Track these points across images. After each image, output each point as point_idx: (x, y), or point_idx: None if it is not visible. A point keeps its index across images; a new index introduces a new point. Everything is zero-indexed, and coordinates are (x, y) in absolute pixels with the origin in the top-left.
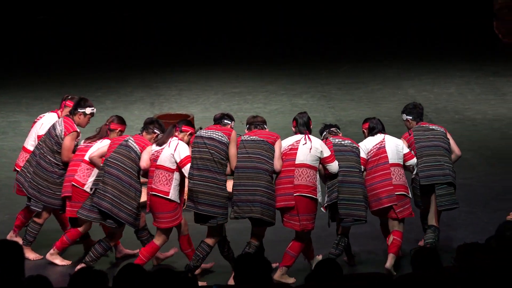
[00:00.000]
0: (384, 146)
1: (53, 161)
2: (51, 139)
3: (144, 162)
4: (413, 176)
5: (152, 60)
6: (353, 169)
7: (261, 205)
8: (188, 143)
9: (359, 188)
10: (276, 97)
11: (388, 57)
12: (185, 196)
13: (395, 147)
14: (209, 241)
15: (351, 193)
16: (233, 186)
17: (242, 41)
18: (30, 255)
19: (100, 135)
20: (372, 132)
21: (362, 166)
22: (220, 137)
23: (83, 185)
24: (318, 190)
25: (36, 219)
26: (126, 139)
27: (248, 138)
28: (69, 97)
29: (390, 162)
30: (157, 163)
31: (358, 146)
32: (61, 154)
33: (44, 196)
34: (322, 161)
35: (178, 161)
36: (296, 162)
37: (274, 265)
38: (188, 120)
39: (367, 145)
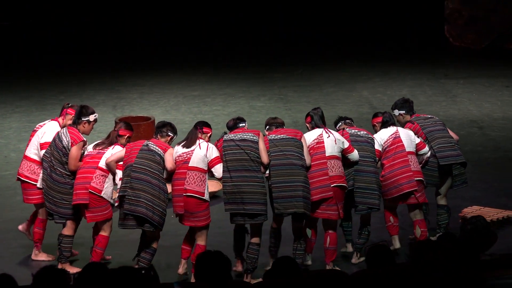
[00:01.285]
0: (399, 135)
1: (64, 172)
2: (58, 151)
3: (170, 163)
4: (425, 159)
5: (113, 64)
6: (368, 159)
7: (303, 200)
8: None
9: (373, 178)
10: (234, 99)
11: (341, 60)
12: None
13: (408, 137)
14: (256, 240)
15: (366, 182)
16: (272, 183)
17: (201, 45)
18: (72, 269)
19: (110, 141)
20: (385, 125)
21: (376, 157)
22: (251, 137)
23: (100, 191)
24: None
25: (65, 233)
26: (145, 143)
27: (277, 137)
28: (70, 105)
29: (407, 150)
30: (189, 165)
31: (373, 137)
32: (68, 163)
33: (61, 208)
34: (344, 151)
35: (208, 161)
36: (327, 155)
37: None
38: (206, 122)
39: (382, 136)
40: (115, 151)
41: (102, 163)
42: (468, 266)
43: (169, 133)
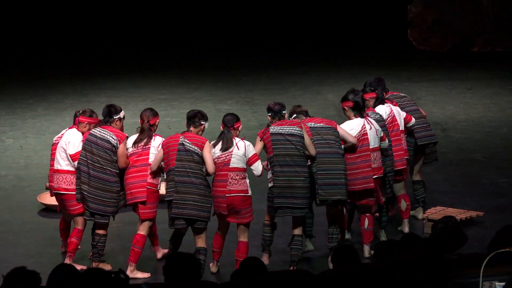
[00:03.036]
0: (394, 115)
1: (114, 171)
2: (107, 151)
3: (210, 165)
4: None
5: (81, 67)
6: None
7: (346, 188)
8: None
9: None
10: (202, 103)
11: (307, 64)
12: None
13: (399, 115)
14: (299, 231)
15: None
16: (317, 171)
17: (169, 49)
18: (106, 266)
19: (147, 134)
20: (378, 101)
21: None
22: (298, 131)
23: (156, 185)
24: None
25: (101, 232)
26: (180, 141)
27: (317, 125)
28: (80, 112)
29: (400, 129)
30: (230, 166)
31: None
32: (118, 162)
33: (109, 207)
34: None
35: (247, 159)
36: (370, 147)
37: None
38: (231, 115)
39: (383, 114)
40: (156, 144)
41: (151, 160)
42: (432, 265)
43: (201, 122)
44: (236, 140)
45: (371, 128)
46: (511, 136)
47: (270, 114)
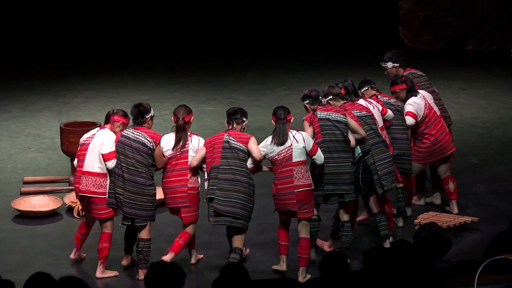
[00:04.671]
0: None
1: (150, 175)
2: (143, 155)
3: (257, 154)
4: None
5: (58, 68)
6: (401, 127)
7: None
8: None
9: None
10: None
11: (293, 63)
12: None
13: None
14: (347, 217)
15: (402, 149)
16: (375, 161)
17: (150, 48)
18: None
19: (182, 133)
20: (410, 92)
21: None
22: (343, 118)
23: (197, 188)
24: None
25: (145, 237)
26: (225, 139)
27: (362, 113)
28: (115, 111)
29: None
30: (293, 161)
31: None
32: (156, 163)
33: (146, 211)
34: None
35: (308, 151)
36: (379, 126)
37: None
38: (281, 107)
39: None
40: (195, 144)
41: (190, 162)
42: (423, 273)
43: (243, 119)
44: (293, 132)
45: (374, 108)
46: (505, 138)
47: (308, 101)
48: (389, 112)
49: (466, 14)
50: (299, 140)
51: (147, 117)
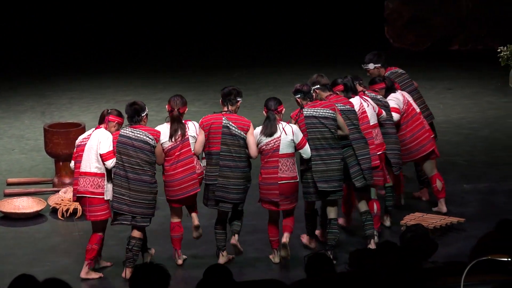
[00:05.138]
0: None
1: (154, 172)
2: (147, 153)
3: (253, 150)
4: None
5: (42, 69)
6: (390, 122)
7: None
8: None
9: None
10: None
11: (279, 64)
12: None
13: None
14: (334, 214)
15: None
16: (358, 156)
17: (135, 48)
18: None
19: (178, 124)
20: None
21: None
22: (331, 114)
23: (202, 173)
24: None
25: (137, 235)
26: (224, 124)
27: (345, 107)
28: (109, 111)
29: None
30: (280, 153)
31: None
32: (157, 159)
33: (150, 209)
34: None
35: (296, 144)
36: (371, 124)
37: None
38: (273, 98)
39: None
40: (192, 130)
41: (193, 149)
42: (410, 274)
43: (237, 99)
44: (283, 124)
45: (368, 105)
46: (491, 138)
47: (299, 95)
48: (383, 113)
49: (451, 14)
50: (288, 133)
51: (143, 115)
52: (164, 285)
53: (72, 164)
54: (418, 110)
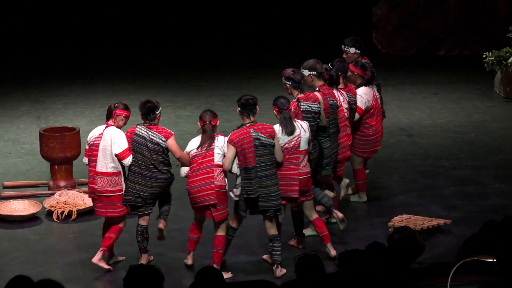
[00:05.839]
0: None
1: (168, 169)
2: (161, 154)
3: (281, 157)
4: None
5: (36, 74)
6: None
7: None
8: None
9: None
10: (162, 109)
11: (268, 68)
12: None
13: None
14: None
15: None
16: (333, 147)
17: (127, 54)
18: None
19: (210, 135)
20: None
21: None
22: (318, 108)
23: (224, 187)
24: None
25: (146, 224)
26: (254, 136)
27: (333, 102)
28: (116, 105)
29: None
30: (300, 149)
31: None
32: (172, 153)
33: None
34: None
35: (309, 140)
36: (346, 116)
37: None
38: (280, 97)
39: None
40: (220, 143)
41: (217, 160)
42: (397, 275)
43: (256, 107)
44: (299, 122)
45: (344, 100)
46: (477, 141)
47: (290, 83)
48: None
49: (438, 20)
50: (306, 130)
51: (157, 112)
52: (157, 286)
53: (85, 160)
54: (380, 106)
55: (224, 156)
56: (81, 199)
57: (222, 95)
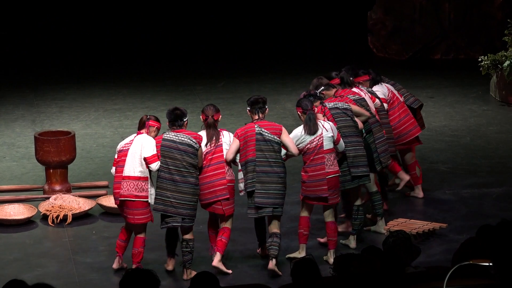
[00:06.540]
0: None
1: (197, 174)
2: (191, 156)
3: (293, 148)
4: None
5: (31, 78)
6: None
7: None
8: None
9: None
10: (156, 113)
11: (263, 72)
12: None
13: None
14: (359, 201)
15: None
16: (375, 139)
17: (123, 58)
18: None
19: (216, 131)
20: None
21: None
22: (348, 106)
23: (234, 181)
24: None
25: (189, 236)
26: (257, 131)
27: (355, 97)
28: (149, 116)
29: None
30: (324, 149)
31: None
32: (199, 162)
33: (195, 210)
34: None
35: (335, 139)
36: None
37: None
38: (303, 100)
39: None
40: (226, 138)
41: (225, 156)
42: (393, 279)
43: (265, 106)
44: (322, 122)
45: (365, 94)
46: (473, 145)
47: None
48: (377, 100)
49: (433, 24)
50: (328, 129)
51: (184, 120)
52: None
53: (113, 170)
54: (402, 99)
55: None
56: (76, 203)
57: (217, 99)
